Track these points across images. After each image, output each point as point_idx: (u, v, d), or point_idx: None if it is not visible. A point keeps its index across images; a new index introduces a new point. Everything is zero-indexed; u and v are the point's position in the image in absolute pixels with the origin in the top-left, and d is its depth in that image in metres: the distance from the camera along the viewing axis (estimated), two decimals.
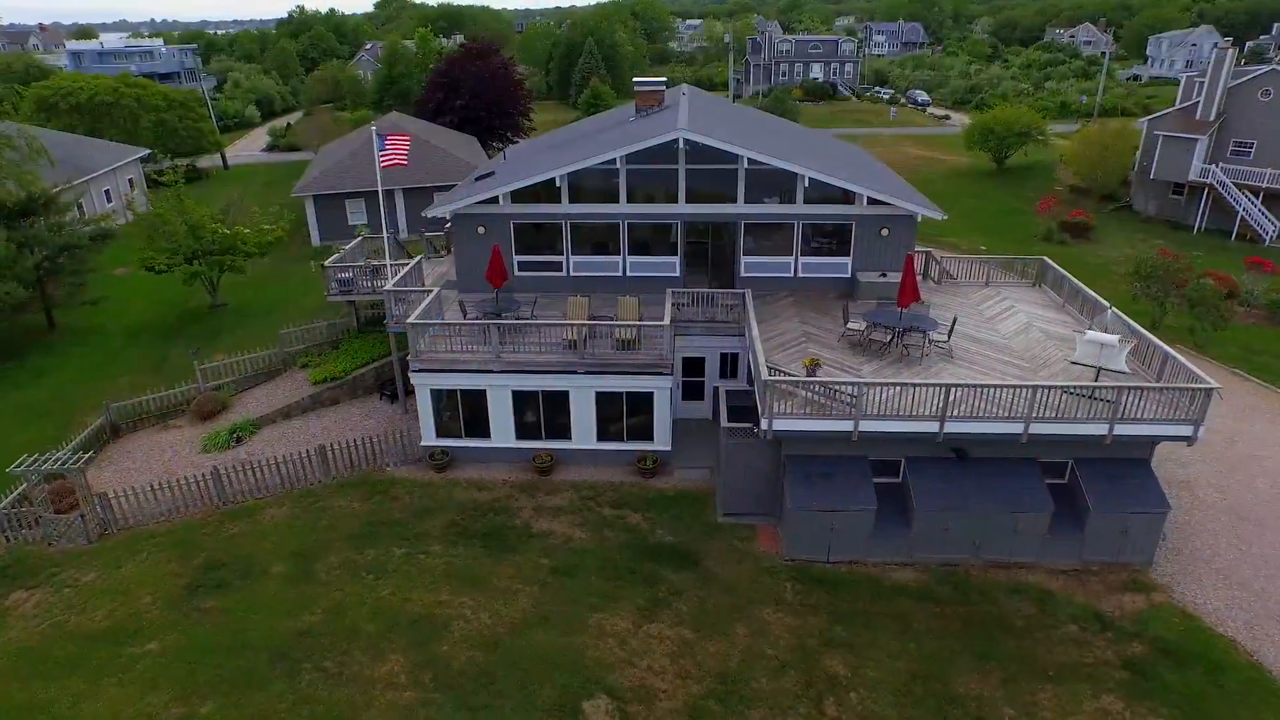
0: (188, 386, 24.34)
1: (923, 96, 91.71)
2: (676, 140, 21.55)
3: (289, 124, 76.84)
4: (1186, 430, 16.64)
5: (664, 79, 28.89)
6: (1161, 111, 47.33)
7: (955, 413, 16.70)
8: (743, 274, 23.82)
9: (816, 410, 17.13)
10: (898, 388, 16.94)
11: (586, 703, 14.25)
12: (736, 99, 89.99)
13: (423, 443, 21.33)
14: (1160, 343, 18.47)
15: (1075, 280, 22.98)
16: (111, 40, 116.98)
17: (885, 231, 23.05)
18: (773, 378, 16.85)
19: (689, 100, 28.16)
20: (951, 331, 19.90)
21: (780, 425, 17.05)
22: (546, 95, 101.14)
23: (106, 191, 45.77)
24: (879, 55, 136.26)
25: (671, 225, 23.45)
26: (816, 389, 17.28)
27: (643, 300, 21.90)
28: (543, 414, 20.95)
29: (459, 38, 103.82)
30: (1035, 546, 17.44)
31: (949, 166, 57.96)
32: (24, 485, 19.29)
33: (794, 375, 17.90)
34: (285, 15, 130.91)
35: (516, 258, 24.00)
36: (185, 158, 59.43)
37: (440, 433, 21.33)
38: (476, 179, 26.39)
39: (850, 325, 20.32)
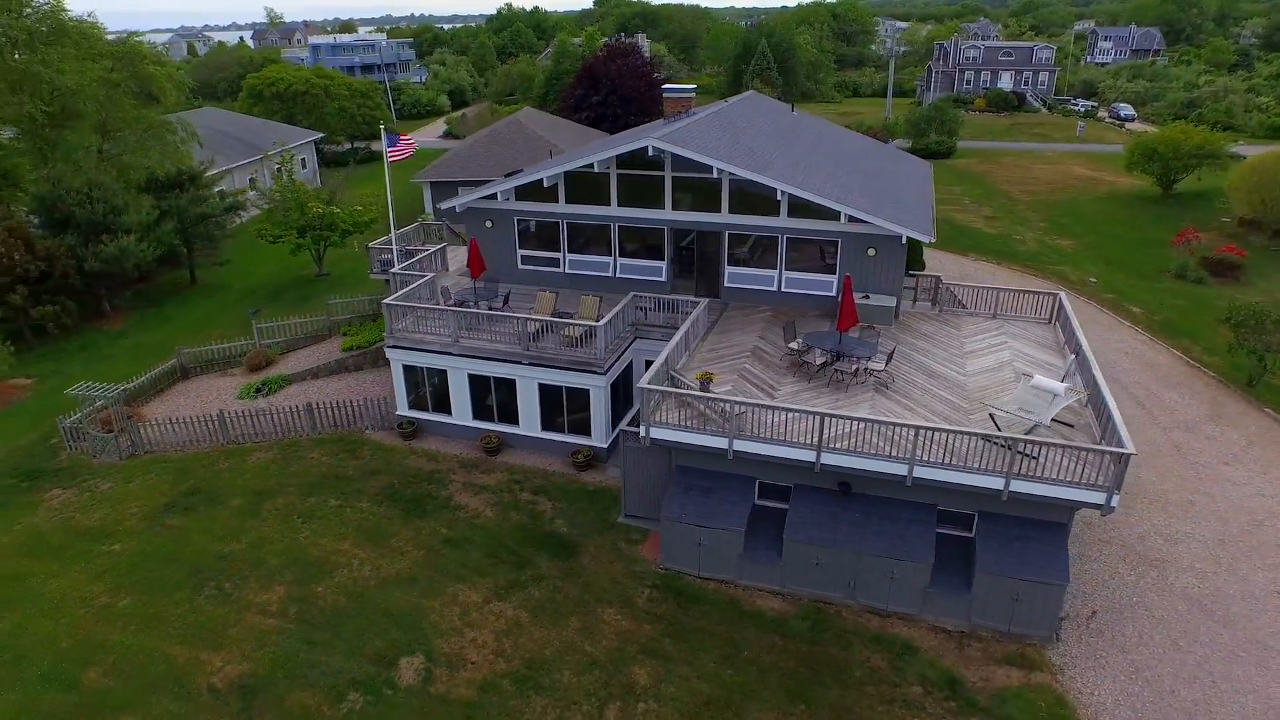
0: (246, 342, 28.34)
1: (1126, 110, 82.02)
2: (657, 148, 21.99)
3: (463, 114, 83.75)
4: (1098, 497, 14.80)
5: (692, 86, 29.02)
6: None
7: (840, 445, 16.04)
8: (726, 284, 23.75)
9: (702, 424, 17.12)
10: (776, 411, 16.50)
11: (404, 659, 15.53)
12: (917, 106, 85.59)
13: (397, 412, 23.52)
14: (1110, 398, 16.37)
15: (1075, 320, 20.63)
16: (344, 36, 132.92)
17: (872, 251, 21.97)
18: (647, 385, 17.05)
19: (723, 109, 28.23)
20: (889, 361, 18.81)
21: (658, 434, 17.22)
22: (722, 94, 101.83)
23: (278, 169, 53.01)
24: (1101, 63, 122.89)
25: (660, 231, 23.86)
26: (711, 403, 17.23)
27: (604, 300, 22.56)
28: (495, 399, 22.35)
29: (639, 36, 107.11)
30: (916, 599, 16.25)
31: (1108, 189, 51.98)
32: (91, 406, 23.72)
33: (675, 387, 17.92)
34: (494, 12, 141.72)
35: (520, 252, 25.52)
36: (363, 141, 67.09)
37: (411, 405, 23.40)
38: (506, 175, 28.17)
39: (791, 344, 19.80)
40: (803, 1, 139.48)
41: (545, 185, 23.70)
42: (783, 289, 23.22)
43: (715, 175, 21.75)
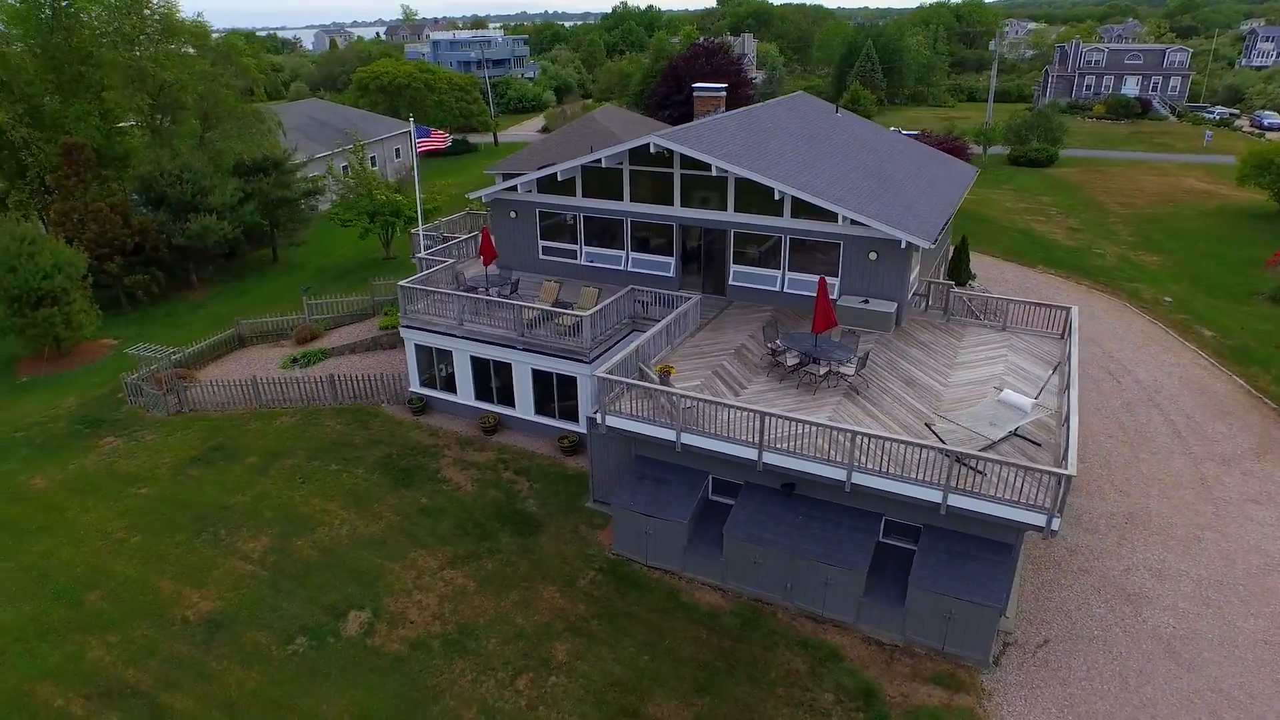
0: (297, 316, 30.65)
1: (1271, 119, 74.74)
2: (664, 146, 22.32)
3: (562, 110, 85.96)
4: (1038, 519, 14.15)
5: (722, 86, 29.04)
6: None
7: (783, 445, 15.98)
8: (731, 282, 23.83)
9: (661, 416, 17.40)
10: (721, 407, 16.58)
11: (353, 612, 16.69)
12: (1030, 112, 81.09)
13: (409, 389, 24.93)
14: (1075, 417, 15.52)
15: (1076, 336, 19.49)
16: (462, 32, 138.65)
17: (874, 255, 21.51)
18: (603, 374, 17.50)
19: (753, 109, 28.16)
20: (861, 366, 18.45)
21: (614, 422, 17.66)
22: (827, 97, 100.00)
23: (373, 157, 56.46)
24: (1258, 67, 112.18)
25: (669, 227, 24.17)
26: (668, 395, 17.51)
27: (603, 291, 23.10)
28: (494, 381, 23.33)
29: (744, 37, 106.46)
30: (851, 607, 15.98)
31: (1218, 204, 47.80)
32: (153, 366, 26.39)
33: (638, 378, 18.23)
34: (609, 10, 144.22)
35: (541, 242, 26.41)
36: (460, 133, 70.25)
37: (422, 383, 24.73)
38: (539, 169, 29.12)
39: (770, 345, 19.74)
40: (924, 2, 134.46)
41: (560, 179, 24.47)
42: (785, 289, 23.06)
43: (715, 173, 21.88)
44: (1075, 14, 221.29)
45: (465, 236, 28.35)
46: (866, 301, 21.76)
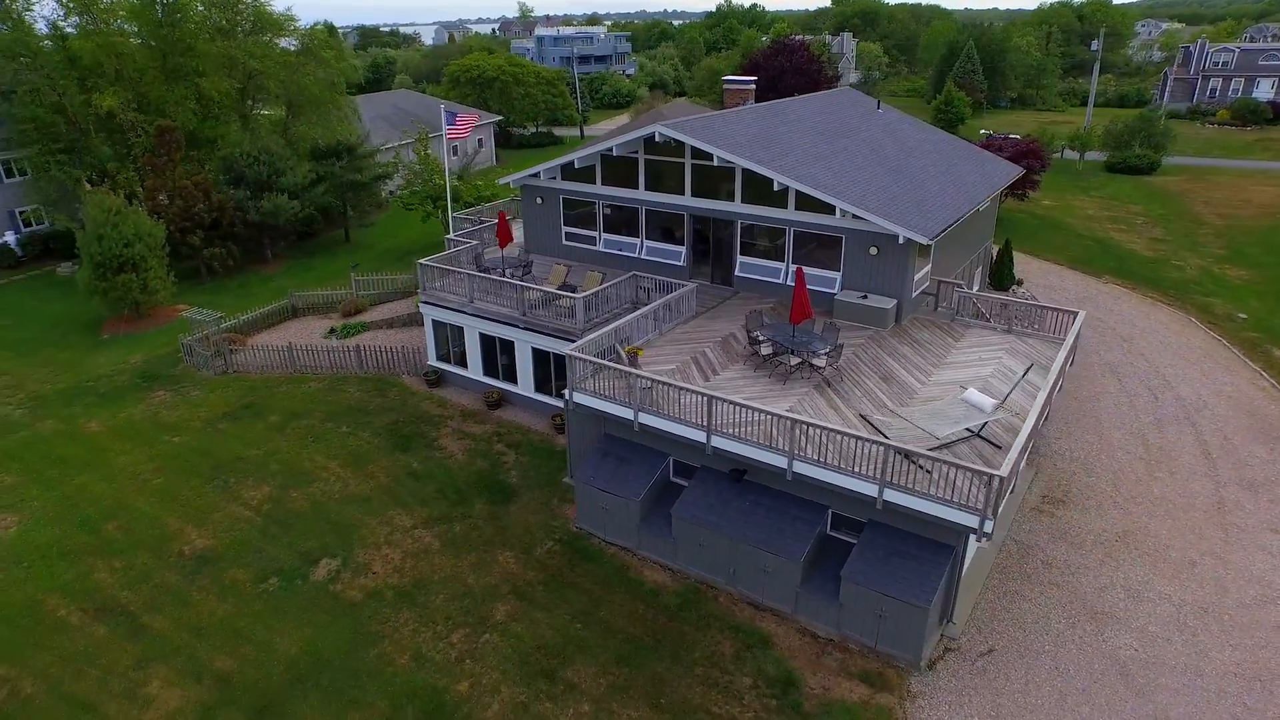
0: (345, 292, 32.60)
1: None
2: (670, 135, 22.60)
3: (651, 105, 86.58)
4: (970, 519, 13.73)
5: (752, 79, 28.81)
6: None
7: (730, 430, 16.05)
8: (738, 273, 23.87)
9: (628, 396, 17.77)
10: (673, 389, 16.78)
11: (325, 559, 17.90)
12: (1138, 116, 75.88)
13: (427, 361, 26.18)
14: (1030, 423, 14.90)
15: (1070, 343, 18.52)
16: (566, 29, 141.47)
17: (874, 250, 21.13)
18: (571, 352, 18.00)
19: (779, 103, 27.98)
20: (835, 359, 18.23)
21: (580, 399, 18.16)
22: (927, 98, 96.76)
23: (455, 146, 58.77)
24: None
25: (680, 216, 24.42)
26: (630, 376, 17.85)
27: (606, 276, 23.60)
28: (499, 358, 24.22)
29: (844, 36, 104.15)
30: (789, 597, 15.89)
31: None
32: (205, 330, 28.75)
33: (610, 359, 18.61)
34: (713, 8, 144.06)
35: (564, 229, 27.17)
36: (547, 126, 72.19)
37: (438, 357, 25.93)
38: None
39: (750, 334, 19.73)
40: (1044, 2, 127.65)
41: (577, 166, 25.12)
42: (789, 282, 22.89)
43: (717, 163, 22.01)
44: (1231, 12, 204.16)
45: (494, 221, 29.38)
46: (865, 297, 21.38)
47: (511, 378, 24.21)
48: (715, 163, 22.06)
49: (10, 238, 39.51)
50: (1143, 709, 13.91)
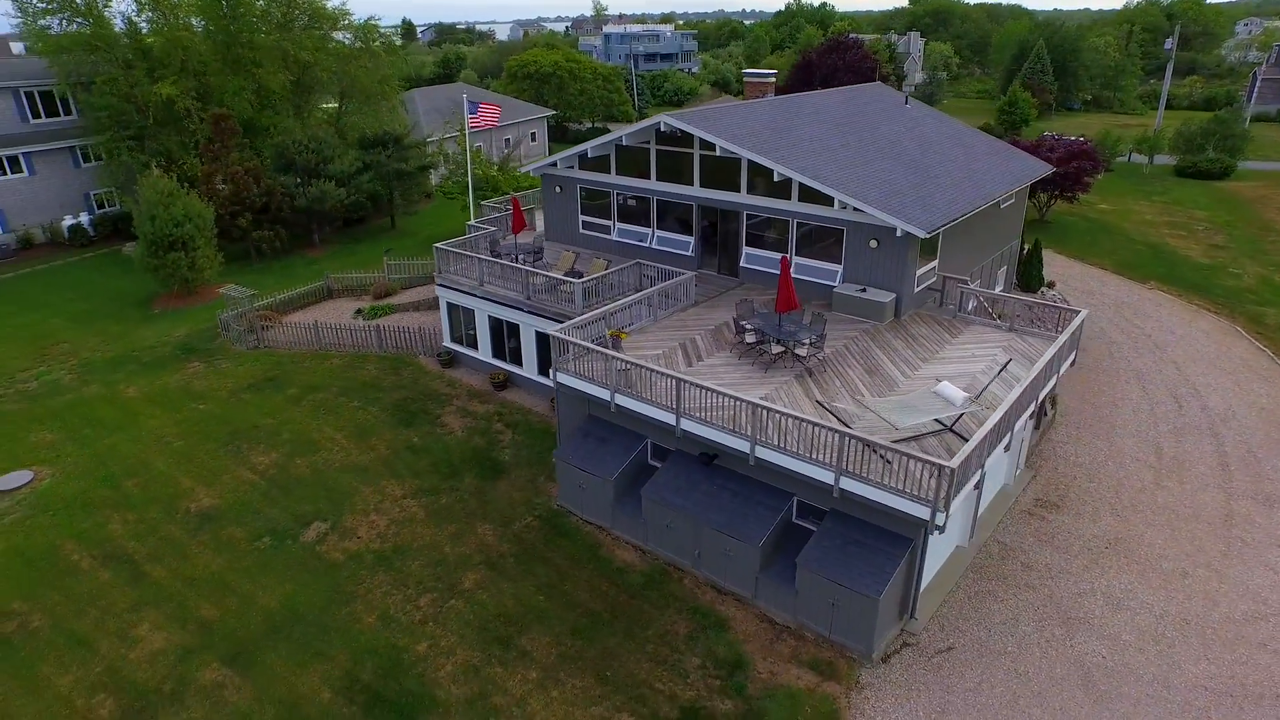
0: (377, 274, 33.82)
1: None
2: (675, 125, 22.79)
3: (702, 103, 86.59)
4: (921, 511, 13.58)
5: (773, 71, 28.62)
6: None
7: (699, 414, 16.19)
8: (743, 264, 23.89)
9: (615, 379, 18.06)
10: (645, 372, 16.98)
11: (316, 523, 18.76)
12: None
13: (442, 343, 27.00)
14: (995, 416, 14.58)
15: (1062, 341, 17.94)
16: (633, 26, 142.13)
17: (874, 243, 20.90)
18: (554, 333, 18.39)
19: (799, 96, 27.73)
20: (812, 348, 18.15)
21: (563, 378, 18.55)
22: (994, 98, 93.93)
23: (508, 139, 60.08)
24: None
25: (689, 207, 24.57)
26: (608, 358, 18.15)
27: (612, 262, 23.94)
28: (506, 340, 24.82)
29: (910, 35, 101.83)
30: (749, 582, 15.93)
31: None
32: (240, 307, 30.27)
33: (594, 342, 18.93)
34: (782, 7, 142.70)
35: (581, 218, 27.62)
36: (604, 121, 72.94)
37: (452, 339, 26.71)
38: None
39: (738, 323, 19.77)
40: (1131, 2, 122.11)
41: (590, 155, 25.52)
42: (792, 273, 22.75)
43: (720, 153, 22.11)
44: None
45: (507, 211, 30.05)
46: (864, 290, 21.17)
47: (517, 360, 24.79)
48: (719, 153, 22.17)
49: (84, 218, 42.27)
50: (1099, 716, 13.48)
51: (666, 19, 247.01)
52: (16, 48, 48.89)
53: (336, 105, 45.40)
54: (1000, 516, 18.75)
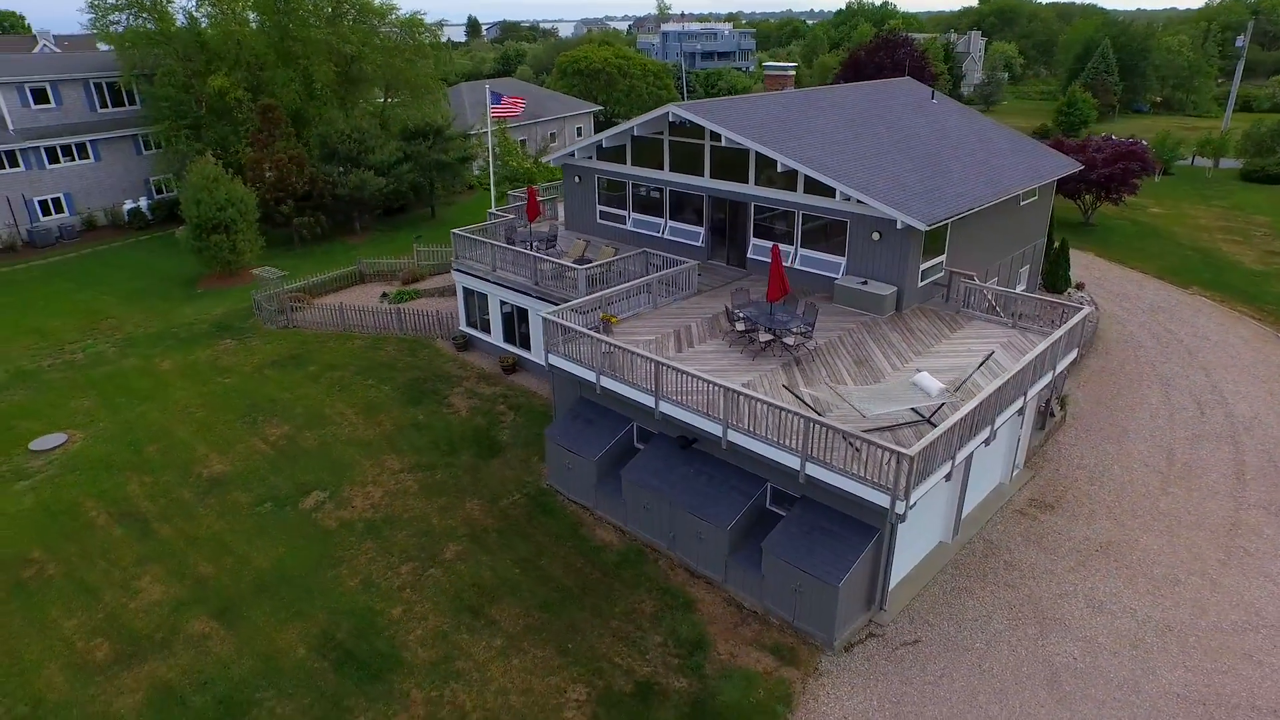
0: (407, 260, 34.81)
1: None
2: (682, 115, 22.97)
3: None
4: (881, 498, 13.52)
5: (793, 64, 28.41)
6: None
7: (681, 399, 16.35)
8: (751, 255, 23.93)
9: (605, 363, 18.35)
10: (626, 354, 17.20)
11: (315, 491, 19.55)
12: None
13: (458, 326, 27.69)
14: (964, 409, 14.36)
15: (1055, 336, 17.48)
16: (692, 25, 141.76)
17: (876, 236, 20.73)
18: (546, 315, 18.76)
19: (819, 89, 27.49)
20: (805, 338, 18.11)
21: (554, 360, 18.92)
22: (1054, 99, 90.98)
23: (551, 134, 60.91)
24: None
25: (699, 198, 24.70)
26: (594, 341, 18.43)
27: (620, 250, 24.24)
28: (516, 325, 25.33)
29: (970, 35, 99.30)
30: (719, 565, 16.04)
31: None
32: (272, 288, 31.53)
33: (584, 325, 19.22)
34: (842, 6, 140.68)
35: (599, 207, 28.00)
36: None
37: (467, 323, 27.38)
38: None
39: (730, 311, 19.85)
40: (1212, 1, 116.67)
41: (605, 145, 25.86)
42: (797, 265, 22.76)
43: (724, 143, 22.22)
44: None
45: (545, 198, 30.58)
46: (865, 283, 21.00)
47: (526, 345, 25.27)
48: (724, 143, 22.27)
49: (143, 203, 44.52)
50: (1059, 715, 13.21)
51: (731, 19, 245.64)
52: (100, 46, 51.68)
53: (382, 97, 46.71)
54: (991, 514, 18.40)
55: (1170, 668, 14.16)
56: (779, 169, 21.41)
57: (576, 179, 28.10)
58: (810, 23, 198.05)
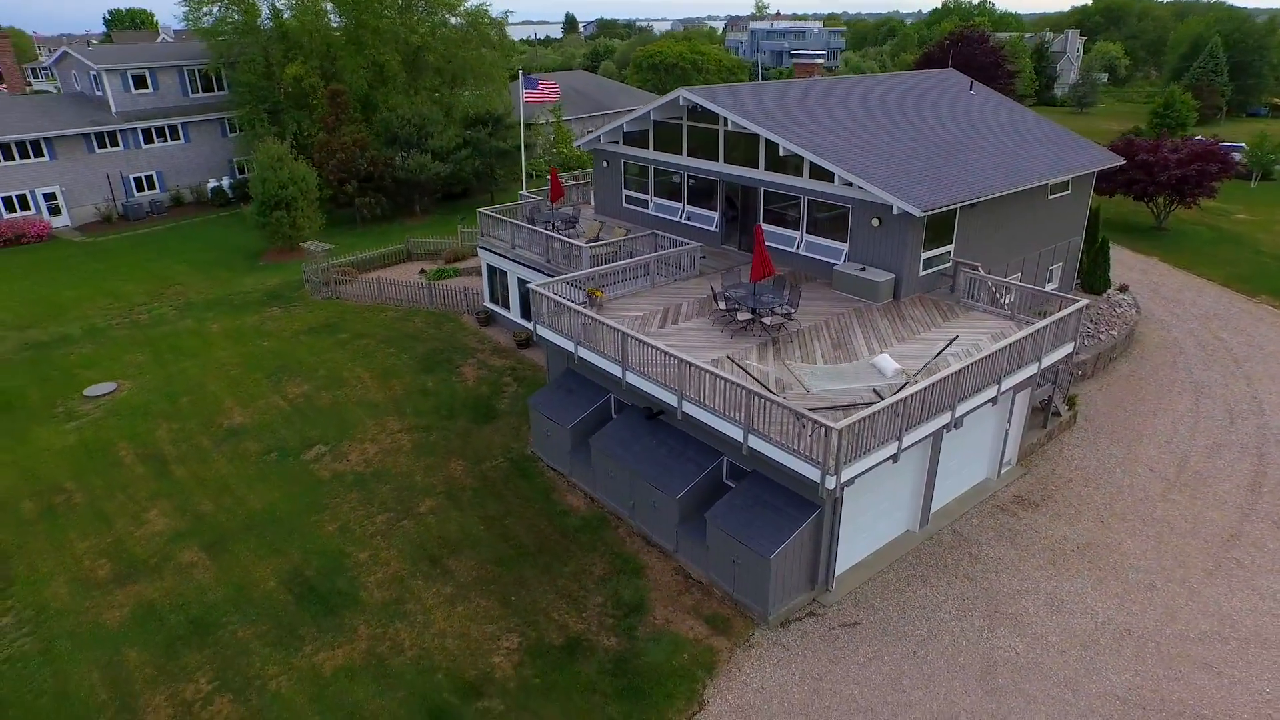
0: (452, 240, 36.18)
1: None
2: (692, 100, 23.18)
3: None
4: (811, 472, 13.51)
5: (820, 53, 27.97)
6: None
7: (641, 369, 16.68)
8: None
9: (579, 334, 18.89)
10: (596, 324, 17.59)
11: (318, 445, 20.82)
12: None
13: (482, 302, 28.70)
14: (913, 388, 14.11)
15: (1041, 324, 16.82)
16: (781, 23, 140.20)
17: (876, 222, 20.44)
18: (534, 287, 19.36)
19: (849, 78, 27.01)
20: (786, 318, 18.12)
21: (542, 331, 19.54)
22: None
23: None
24: None
25: (714, 183, 24.85)
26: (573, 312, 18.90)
27: (630, 230, 24.67)
28: (530, 300, 26.03)
29: (1068, 34, 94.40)
30: (671, 535, 16.28)
31: None
32: (319, 262, 33.39)
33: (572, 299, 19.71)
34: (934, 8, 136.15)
35: (624, 192, 28.48)
36: None
37: (490, 299, 28.34)
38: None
39: (716, 290, 19.97)
40: None
41: (626, 130, 26.31)
42: (801, 251, 22.65)
43: (731, 127, 22.33)
44: None
45: (580, 181, 31.34)
46: (863, 269, 20.73)
47: None
48: (730, 127, 22.37)
49: (225, 181, 47.77)
50: (983, 706, 12.89)
51: (831, 19, 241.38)
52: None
53: (447, 85, 48.52)
54: (969, 507, 17.93)
55: (1118, 671, 13.57)
56: (781, 153, 21.36)
57: (604, 164, 28.65)
58: (909, 22, 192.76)
